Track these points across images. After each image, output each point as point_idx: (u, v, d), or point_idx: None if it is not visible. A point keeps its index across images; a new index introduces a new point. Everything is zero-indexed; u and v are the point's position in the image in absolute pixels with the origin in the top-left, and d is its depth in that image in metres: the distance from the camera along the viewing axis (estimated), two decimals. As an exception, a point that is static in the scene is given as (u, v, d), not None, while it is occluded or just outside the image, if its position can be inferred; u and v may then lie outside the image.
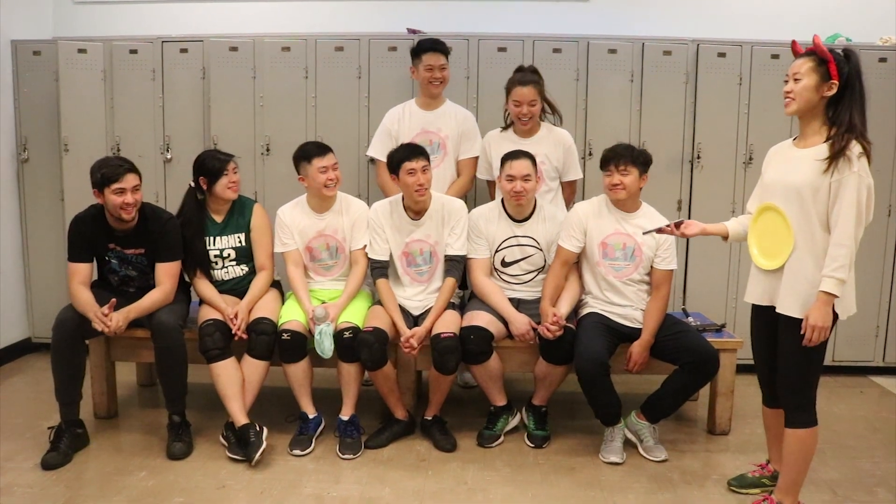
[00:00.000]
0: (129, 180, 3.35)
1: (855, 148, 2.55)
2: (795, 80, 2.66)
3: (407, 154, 3.55)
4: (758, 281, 2.83)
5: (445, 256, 3.68)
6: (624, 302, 3.54)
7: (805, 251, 2.64)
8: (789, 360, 2.73)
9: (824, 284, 2.56)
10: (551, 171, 3.94)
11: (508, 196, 3.60)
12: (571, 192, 4.10)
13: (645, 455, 3.37)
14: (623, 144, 3.59)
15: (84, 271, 3.45)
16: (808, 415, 2.73)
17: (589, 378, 3.33)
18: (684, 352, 3.39)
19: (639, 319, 3.54)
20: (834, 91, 2.61)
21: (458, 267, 3.67)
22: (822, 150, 2.60)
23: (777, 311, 2.72)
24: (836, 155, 2.55)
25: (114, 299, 3.33)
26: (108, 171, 3.33)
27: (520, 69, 3.96)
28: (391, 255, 3.70)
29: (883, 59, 4.38)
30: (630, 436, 3.47)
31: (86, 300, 3.36)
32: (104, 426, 3.74)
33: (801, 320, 2.64)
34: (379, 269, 3.67)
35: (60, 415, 3.42)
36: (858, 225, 2.56)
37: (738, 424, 3.79)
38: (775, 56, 4.35)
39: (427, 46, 3.99)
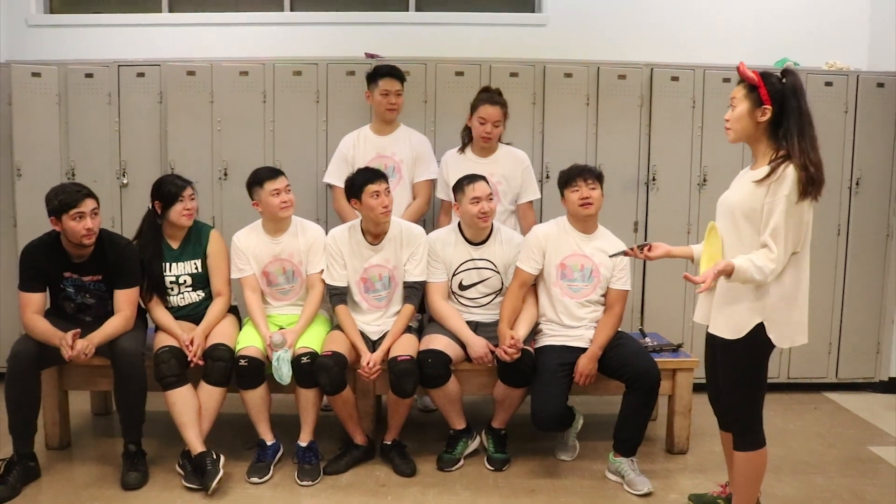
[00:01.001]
0: (88, 204, 3.31)
1: (790, 173, 2.52)
2: (732, 106, 2.68)
3: (369, 177, 3.55)
4: (702, 300, 2.86)
5: (404, 283, 3.68)
6: (578, 324, 3.57)
7: None
8: (728, 382, 2.76)
9: (738, 260, 2.52)
10: (510, 192, 3.98)
11: (475, 218, 3.60)
12: (533, 216, 4.10)
13: (629, 490, 3.32)
14: (581, 164, 3.65)
15: (37, 301, 3.39)
16: (754, 437, 2.74)
17: (546, 431, 3.52)
18: (623, 368, 3.43)
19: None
20: (768, 115, 2.60)
21: (416, 294, 3.67)
22: (762, 172, 2.58)
23: (709, 330, 2.76)
24: (770, 177, 2.54)
25: (78, 329, 3.27)
26: (65, 198, 3.28)
27: (486, 89, 4.03)
28: (349, 281, 3.69)
29: (829, 84, 4.51)
30: (613, 477, 3.45)
31: (45, 328, 3.30)
32: (56, 457, 3.65)
33: (732, 341, 2.65)
34: (338, 296, 3.66)
35: (13, 448, 3.35)
36: (785, 248, 2.54)
37: (697, 443, 3.83)
38: (727, 80, 4.45)
39: (384, 72, 4.03)
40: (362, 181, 3.55)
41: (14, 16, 5.02)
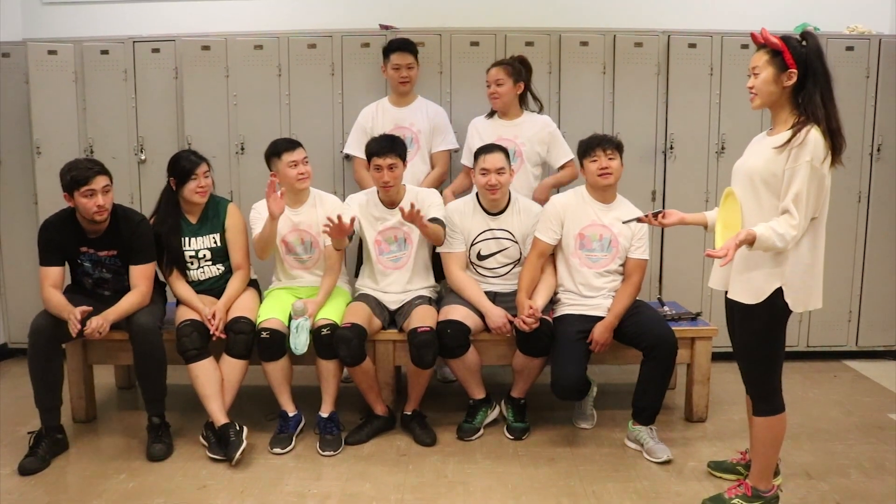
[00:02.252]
0: (99, 182, 3.33)
1: (812, 136, 2.51)
2: (755, 74, 2.64)
3: (378, 149, 3.57)
4: (717, 266, 2.85)
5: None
6: (597, 294, 3.57)
7: None
8: (745, 348, 2.76)
9: (759, 228, 2.50)
10: (533, 154, 3.99)
11: (483, 189, 3.62)
12: (572, 175, 4.02)
13: (649, 458, 3.34)
14: (601, 133, 3.64)
15: (55, 275, 3.43)
16: (772, 402, 2.74)
17: (566, 399, 3.51)
18: (640, 336, 3.43)
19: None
20: (794, 79, 2.57)
21: (440, 223, 3.62)
22: (783, 137, 2.57)
23: (728, 296, 2.76)
24: (791, 143, 2.52)
25: (89, 307, 3.30)
26: (77, 174, 3.30)
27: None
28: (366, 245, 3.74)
29: (850, 48, 4.44)
30: (632, 445, 3.47)
31: (58, 302, 3.35)
32: (83, 430, 3.72)
33: (751, 307, 2.65)
34: None
35: (41, 421, 3.40)
36: (806, 214, 2.53)
37: (715, 411, 3.84)
38: (745, 46, 4.39)
39: (394, 46, 4.06)
40: (371, 151, 3.60)
41: (29, -6, 5.04)
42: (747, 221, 2.64)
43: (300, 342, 3.42)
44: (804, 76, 2.57)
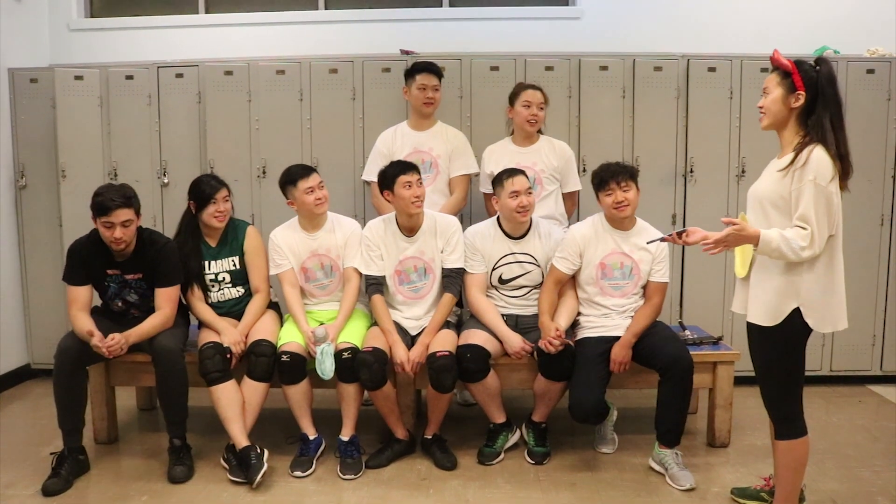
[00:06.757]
0: (119, 216, 3.30)
1: (815, 156, 2.52)
2: (766, 93, 2.69)
3: (401, 169, 3.59)
4: (738, 290, 2.87)
5: (443, 270, 3.69)
6: (618, 316, 3.56)
7: (768, 260, 2.62)
8: (765, 370, 2.75)
9: (771, 232, 2.52)
10: (553, 179, 4.01)
11: (513, 212, 3.59)
12: (573, 205, 4.14)
13: (672, 484, 3.31)
14: (613, 162, 3.61)
15: (83, 296, 3.46)
16: (793, 425, 2.72)
17: (584, 422, 3.49)
18: (655, 357, 3.42)
19: None
20: (801, 102, 2.60)
21: (455, 282, 3.68)
22: (787, 159, 2.60)
23: (746, 319, 2.75)
24: (794, 164, 2.54)
25: (113, 334, 3.33)
26: (101, 201, 3.31)
27: (522, 83, 4.07)
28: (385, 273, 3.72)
29: (871, 71, 4.42)
30: (656, 467, 3.44)
31: (83, 324, 3.37)
32: (105, 451, 3.73)
33: (769, 329, 2.64)
34: (374, 286, 3.69)
35: (63, 442, 3.42)
36: (819, 231, 2.52)
37: (738, 436, 3.80)
38: (765, 69, 4.34)
39: (421, 67, 4.06)
40: (394, 172, 3.59)
41: (57, 21, 5.17)
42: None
43: (326, 368, 3.42)
44: (814, 100, 2.60)
